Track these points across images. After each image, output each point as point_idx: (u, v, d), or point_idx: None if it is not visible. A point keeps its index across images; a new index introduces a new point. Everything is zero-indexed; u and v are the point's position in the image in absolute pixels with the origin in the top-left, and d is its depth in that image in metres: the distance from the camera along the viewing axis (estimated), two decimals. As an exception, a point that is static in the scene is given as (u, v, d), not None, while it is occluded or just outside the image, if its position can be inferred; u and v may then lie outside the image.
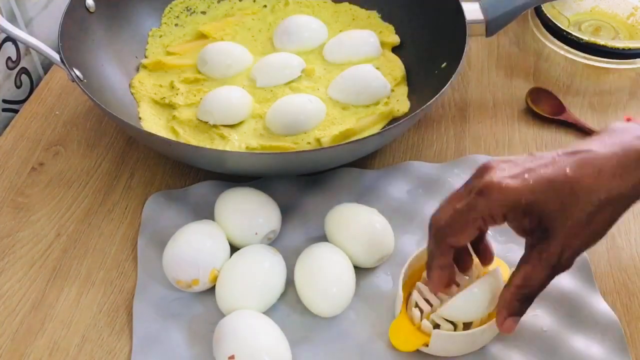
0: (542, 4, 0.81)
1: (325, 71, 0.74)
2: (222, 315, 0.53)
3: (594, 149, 0.45)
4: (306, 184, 0.65)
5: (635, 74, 0.79)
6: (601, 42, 0.77)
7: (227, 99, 0.66)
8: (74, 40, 0.69)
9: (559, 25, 0.79)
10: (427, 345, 0.51)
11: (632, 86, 0.78)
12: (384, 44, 0.77)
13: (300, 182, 0.65)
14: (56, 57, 0.65)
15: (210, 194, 0.64)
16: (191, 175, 0.67)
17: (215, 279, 0.55)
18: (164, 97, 0.72)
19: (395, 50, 0.77)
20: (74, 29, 0.69)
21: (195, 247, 0.56)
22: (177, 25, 0.81)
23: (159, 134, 0.66)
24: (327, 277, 0.54)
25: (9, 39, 0.76)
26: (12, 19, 0.77)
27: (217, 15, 0.83)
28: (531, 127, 0.72)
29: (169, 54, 0.78)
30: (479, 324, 0.51)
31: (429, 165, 0.67)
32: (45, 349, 0.54)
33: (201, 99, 0.70)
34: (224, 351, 0.49)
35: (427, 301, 0.53)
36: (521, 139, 0.71)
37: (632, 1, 0.84)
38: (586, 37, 0.77)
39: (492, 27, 0.72)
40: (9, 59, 0.77)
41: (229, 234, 0.58)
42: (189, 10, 0.83)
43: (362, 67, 0.72)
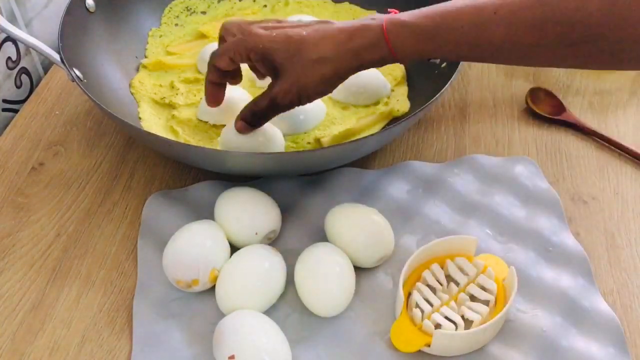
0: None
1: (325, 71, 0.74)
2: (222, 315, 0.53)
3: (335, 23, 0.57)
4: (306, 184, 0.65)
5: (635, 73, 0.79)
6: (601, 42, 0.77)
7: (227, 99, 0.66)
8: (74, 40, 0.69)
9: (559, 25, 0.79)
10: (428, 345, 0.51)
11: (632, 86, 0.78)
12: (384, 44, 0.77)
13: (300, 182, 0.65)
14: (56, 57, 0.65)
15: (210, 194, 0.64)
16: (191, 175, 0.67)
17: (215, 279, 0.55)
18: (164, 97, 0.72)
19: (395, 50, 0.77)
20: (74, 29, 0.69)
21: (195, 247, 0.56)
22: (177, 25, 0.81)
23: (159, 133, 0.67)
24: (327, 277, 0.54)
25: (9, 39, 0.76)
26: (12, 19, 0.77)
27: (217, 15, 0.83)
28: (531, 127, 0.72)
29: (169, 54, 0.78)
30: (480, 323, 0.52)
31: (429, 165, 0.67)
32: (45, 348, 0.54)
33: (201, 98, 0.70)
34: (224, 351, 0.49)
35: (428, 301, 0.53)
36: (521, 138, 0.71)
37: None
38: (586, 37, 0.77)
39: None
40: (9, 59, 0.77)
41: (229, 234, 0.58)
42: (188, 10, 0.83)
43: (362, 67, 0.72)
